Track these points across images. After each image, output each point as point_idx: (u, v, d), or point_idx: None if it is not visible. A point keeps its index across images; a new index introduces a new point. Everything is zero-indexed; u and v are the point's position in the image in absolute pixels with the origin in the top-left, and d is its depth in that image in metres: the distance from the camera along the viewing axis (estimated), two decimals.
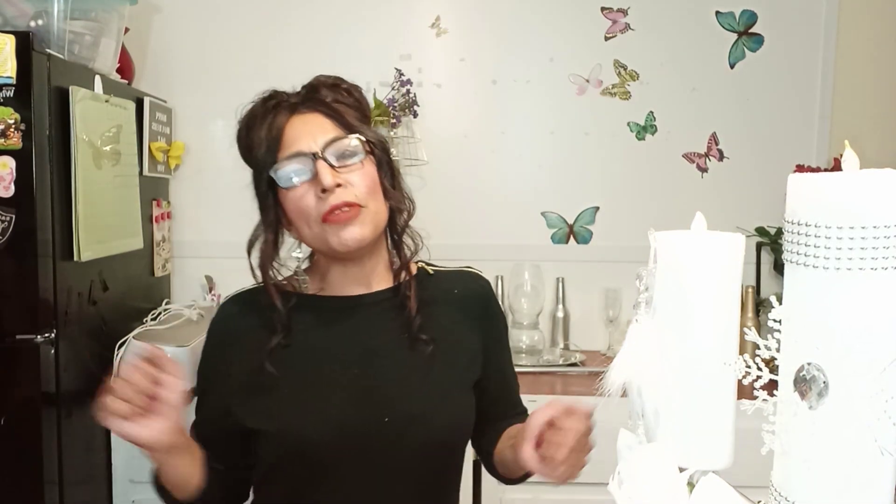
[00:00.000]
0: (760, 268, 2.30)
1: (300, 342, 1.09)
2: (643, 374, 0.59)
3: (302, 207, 1.04)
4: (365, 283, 1.13)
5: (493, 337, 1.20)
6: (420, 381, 1.09)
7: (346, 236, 1.03)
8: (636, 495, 0.57)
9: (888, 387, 0.47)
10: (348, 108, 1.09)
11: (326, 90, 1.09)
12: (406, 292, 1.12)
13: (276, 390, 1.06)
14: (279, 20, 2.33)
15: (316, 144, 1.03)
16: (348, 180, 1.03)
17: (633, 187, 2.37)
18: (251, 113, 1.10)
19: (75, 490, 1.67)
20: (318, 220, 1.03)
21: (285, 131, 1.05)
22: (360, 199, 1.03)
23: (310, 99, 1.08)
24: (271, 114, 1.07)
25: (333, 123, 1.06)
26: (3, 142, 1.49)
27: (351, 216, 1.02)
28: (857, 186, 0.48)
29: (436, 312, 1.13)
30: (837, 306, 0.49)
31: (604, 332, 2.34)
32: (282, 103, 1.08)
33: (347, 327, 1.11)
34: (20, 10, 1.66)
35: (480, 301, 1.19)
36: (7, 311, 1.54)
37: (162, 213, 2.21)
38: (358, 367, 1.08)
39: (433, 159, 2.33)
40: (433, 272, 1.19)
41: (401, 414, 1.05)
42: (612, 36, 2.35)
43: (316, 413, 1.05)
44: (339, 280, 1.12)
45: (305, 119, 1.06)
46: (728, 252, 0.57)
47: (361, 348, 1.09)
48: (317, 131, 1.04)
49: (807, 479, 0.51)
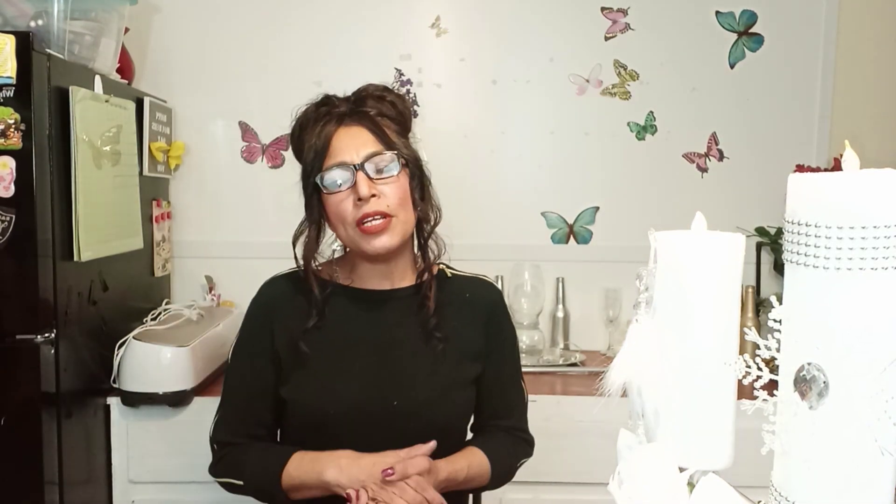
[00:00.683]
0: (760, 268, 2.30)
1: (331, 326, 1.24)
2: (643, 374, 0.59)
3: (340, 211, 1.19)
4: (390, 279, 1.27)
5: (497, 343, 1.31)
6: (429, 373, 1.24)
7: (377, 244, 1.18)
8: (636, 495, 0.57)
9: (888, 387, 0.47)
10: (390, 122, 1.23)
11: (373, 101, 1.22)
12: (426, 293, 1.26)
13: (306, 366, 1.23)
14: (279, 20, 2.33)
15: (358, 157, 1.18)
16: (382, 191, 1.17)
17: (633, 187, 2.37)
18: (304, 117, 1.24)
19: (75, 490, 1.67)
20: (354, 224, 1.18)
21: (332, 142, 1.19)
22: (391, 209, 1.18)
23: (356, 112, 1.21)
24: (322, 121, 1.21)
25: (375, 138, 1.20)
26: (3, 142, 1.49)
27: (382, 227, 1.17)
28: (857, 186, 0.48)
29: (449, 313, 1.27)
30: (837, 306, 0.49)
31: (604, 332, 2.34)
32: (332, 112, 1.21)
33: (373, 318, 1.26)
34: (20, 10, 1.66)
35: (488, 308, 1.31)
36: (7, 311, 1.53)
37: (162, 213, 2.21)
38: (377, 355, 1.24)
39: (433, 159, 2.30)
40: (451, 275, 1.32)
41: (408, 400, 1.22)
42: (612, 36, 2.35)
43: (336, 392, 1.21)
44: (368, 274, 1.27)
45: (351, 132, 1.20)
46: (728, 252, 0.57)
47: (382, 338, 1.25)
48: (360, 145, 1.19)
49: (807, 479, 0.51)
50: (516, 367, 1.36)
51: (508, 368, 1.34)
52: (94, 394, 1.80)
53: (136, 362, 1.79)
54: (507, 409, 1.34)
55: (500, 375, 1.32)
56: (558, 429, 1.82)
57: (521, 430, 1.35)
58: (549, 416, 1.82)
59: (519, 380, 1.36)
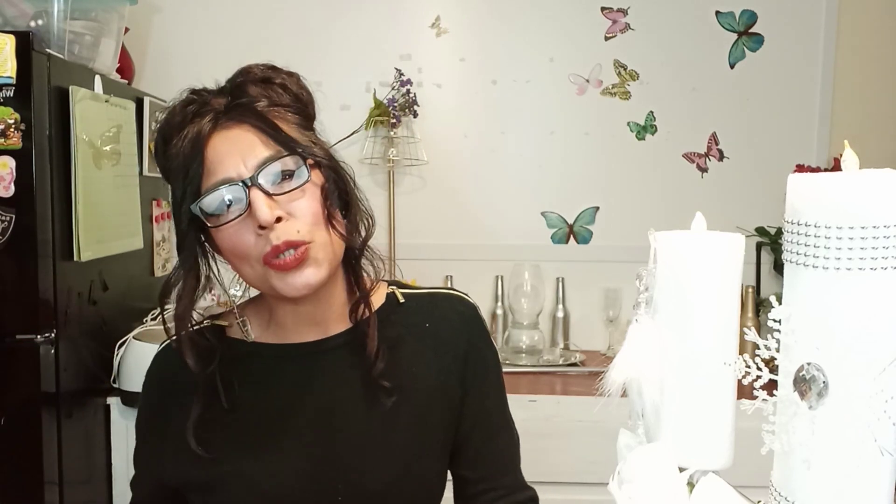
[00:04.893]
0: (760, 268, 2.30)
1: (245, 403, 0.92)
2: (643, 374, 0.59)
3: (238, 246, 0.85)
4: (321, 324, 0.94)
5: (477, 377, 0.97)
6: (381, 445, 0.91)
7: (298, 283, 0.84)
8: (636, 495, 0.57)
9: (888, 387, 0.47)
10: (285, 111, 0.89)
11: (256, 89, 0.89)
12: (364, 330, 0.92)
13: (216, 461, 0.90)
14: (279, 20, 2.33)
15: (246, 168, 0.83)
16: (290, 211, 0.83)
17: (633, 187, 2.37)
18: (166, 125, 0.89)
19: (75, 490, 1.67)
20: (260, 261, 0.84)
21: (206, 152, 0.85)
22: (304, 234, 0.83)
23: (236, 106, 0.87)
24: (189, 125, 0.86)
25: (266, 138, 0.85)
26: (3, 142, 1.49)
27: (300, 258, 0.83)
28: (857, 186, 0.48)
29: (403, 353, 0.94)
30: (837, 306, 0.48)
31: (604, 332, 2.34)
32: (202, 111, 0.87)
33: (300, 382, 0.93)
34: (20, 10, 1.66)
35: (459, 334, 0.97)
36: (7, 311, 1.53)
37: (162, 213, 2.21)
38: (312, 430, 0.91)
39: (433, 159, 2.33)
40: (404, 299, 0.98)
41: (356, 491, 0.90)
42: (612, 36, 2.35)
43: (259, 491, 0.89)
44: (290, 322, 0.93)
45: (231, 136, 0.85)
46: (728, 252, 0.57)
47: (315, 407, 0.91)
48: (246, 151, 0.84)
49: (807, 479, 0.51)
50: (503, 404, 1.01)
51: (495, 409, 0.99)
52: (94, 394, 1.80)
53: (136, 362, 1.79)
54: (500, 464, 1.00)
55: (484, 421, 0.98)
56: (558, 429, 1.82)
57: (520, 489, 1.01)
58: (549, 416, 1.83)
59: (508, 418, 1.02)
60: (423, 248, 2.32)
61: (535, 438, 1.39)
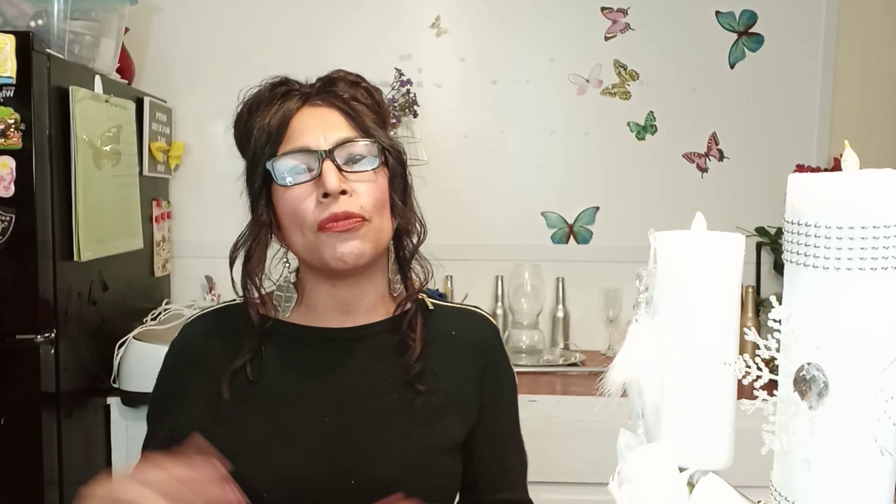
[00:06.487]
0: (760, 268, 2.30)
1: (269, 378, 0.93)
2: (643, 373, 0.59)
3: (298, 210, 0.90)
4: (354, 311, 0.97)
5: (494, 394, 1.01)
6: (397, 434, 0.92)
7: (344, 249, 0.88)
8: (636, 495, 0.57)
9: (888, 387, 0.47)
10: (367, 110, 0.95)
11: (345, 86, 0.96)
12: (410, 331, 0.95)
13: (233, 430, 0.91)
14: (279, 20, 2.33)
15: (326, 142, 0.90)
16: (355, 189, 0.89)
17: (633, 187, 2.37)
18: (256, 97, 0.97)
19: (75, 490, 1.66)
20: (314, 227, 0.89)
21: (293, 122, 0.92)
22: (365, 210, 0.89)
23: (326, 91, 0.95)
24: (279, 100, 0.94)
25: (348, 123, 0.93)
26: (3, 142, 1.49)
27: (352, 227, 0.88)
28: (857, 186, 0.48)
29: (431, 355, 0.97)
30: (837, 306, 0.48)
31: (604, 332, 2.34)
32: (293, 91, 0.95)
33: (324, 365, 0.94)
34: (20, 10, 1.66)
35: (483, 348, 1.01)
36: (7, 311, 1.53)
37: (162, 213, 2.21)
38: (330, 414, 0.92)
39: (433, 159, 2.33)
40: (433, 306, 1.02)
41: (371, 477, 0.90)
42: (612, 36, 2.35)
43: (272, 466, 0.89)
44: (325, 304, 0.97)
45: (318, 112, 0.93)
46: (728, 252, 0.57)
47: (336, 391, 0.93)
48: (329, 128, 0.91)
49: (807, 479, 0.51)
50: (516, 423, 1.05)
51: (508, 426, 1.03)
52: (94, 394, 1.80)
53: (136, 362, 1.79)
54: (507, 479, 1.02)
55: (497, 436, 1.01)
56: (558, 429, 1.82)
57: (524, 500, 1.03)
58: (549, 416, 1.83)
59: (519, 438, 1.05)
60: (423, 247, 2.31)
61: (535, 438, 1.39)
